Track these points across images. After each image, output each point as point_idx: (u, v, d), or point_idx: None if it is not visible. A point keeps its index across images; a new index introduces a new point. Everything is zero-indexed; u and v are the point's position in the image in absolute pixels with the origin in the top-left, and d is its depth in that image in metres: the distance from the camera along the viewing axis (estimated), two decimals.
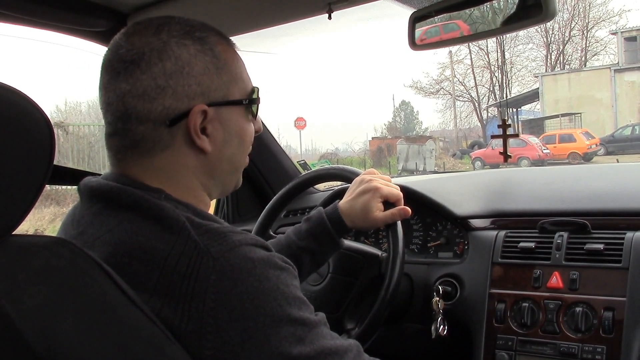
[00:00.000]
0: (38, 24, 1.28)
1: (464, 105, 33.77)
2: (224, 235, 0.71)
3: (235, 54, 0.85)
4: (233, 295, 0.67)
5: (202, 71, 0.78)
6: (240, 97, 0.84)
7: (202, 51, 0.79)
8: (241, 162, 0.88)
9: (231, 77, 0.82)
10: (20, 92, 0.62)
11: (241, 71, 0.85)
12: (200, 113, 0.78)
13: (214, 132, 0.81)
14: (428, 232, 1.64)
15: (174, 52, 0.77)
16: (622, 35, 25.87)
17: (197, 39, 0.79)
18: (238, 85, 0.84)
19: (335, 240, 1.22)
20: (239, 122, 0.84)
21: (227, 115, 0.82)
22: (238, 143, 0.85)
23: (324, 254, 1.24)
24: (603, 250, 1.29)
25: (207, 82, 0.79)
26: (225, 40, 0.84)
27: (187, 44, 0.78)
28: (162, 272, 0.68)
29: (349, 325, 1.32)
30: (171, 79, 0.76)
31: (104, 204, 0.77)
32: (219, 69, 0.80)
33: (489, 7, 1.15)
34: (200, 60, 0.78)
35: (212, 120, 0.80)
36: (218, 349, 0.66)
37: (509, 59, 30.85)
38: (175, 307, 0.66)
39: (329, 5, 1.21)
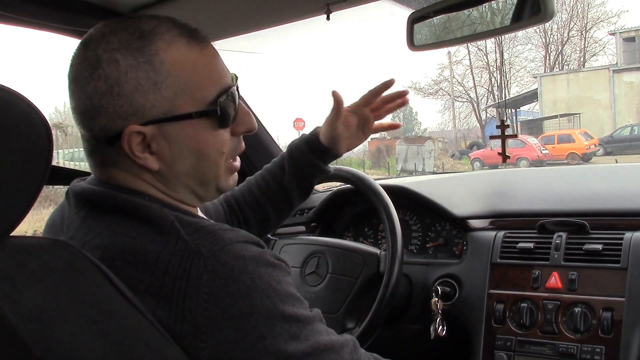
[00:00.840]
0: (36, 24, 1.27)
1: (463, 105, 33.80)
2: (214, 234, 0.70)
3: (193, 58, 0.76)
4: (226, 294, 0.66)
5: (133, 89, 0.72)
6: (192, 109, 0.75)
7: (136, 65, 0.72)
8: (209, 174, 0.81)
9: (178, 89, 0.74)
10: (18, 93, 0.62)
11: (197, 78, 0.76)
12: (135, 134, 0.73)
13: (160, 150, 0.75)
14: (427, 233, 1.64)
15: (104, 70, 0.72)
16: (621, 36, 25.89)
17: (134, 50, 0.73)
18: (190, 96, 0.75)
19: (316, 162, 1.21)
20: (193, 136, 0.76)
21: (174, 131, 0.75)
22: (196, 157, 0.78)
23: (308, 178, 1.24)
24: (602, 250, 1.29)
25: (140, 100, 0.73)
26: (182, 42, 0.76)
27: (117, 60, 0.72)
28: (154, 274, 0.67)
29: (350, 324, 1.32)
30: (103, 99, 0.72)
31: (89, 208, 0.77)
32: (157, 83, 0.73)
33: (487, 7, 1.15)
34: (131, 78, 0.72)
35: (155, 138, 0.74)
36: (213, 349, 0.65)
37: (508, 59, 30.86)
38: (169, 308, 0.66)
39: (328, 5, 1.21)
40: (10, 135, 0.59)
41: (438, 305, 1.39)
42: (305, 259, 1.43)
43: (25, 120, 0.61)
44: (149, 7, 1.27)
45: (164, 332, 0.65)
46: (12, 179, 0.59)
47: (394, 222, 1.30)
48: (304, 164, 1.22)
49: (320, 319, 0.76)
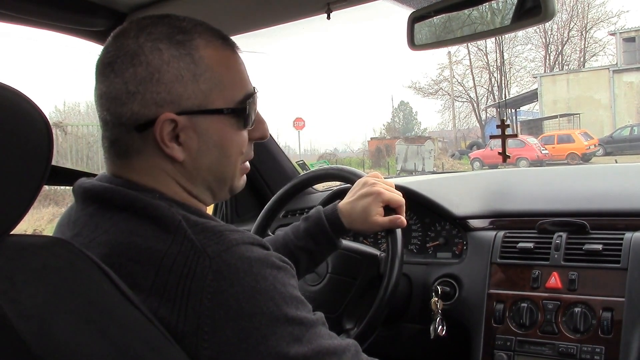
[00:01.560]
0: (37, 23, 1.27)
1: (463, 105, 33.81)
2: (221, 234, 0.71)
3: (227, 58, 0.80)
4: (230, 294, 0.66)
5: (173, 78, 0.75)
6: (223, 106, 0.79)
7: (178, 56, 0.76)
8: (227, 172, 0.84)
9: (212, 84, 0.78)
10: (18, 92, 0.62)
11: (230, 77, 0.80)
12: (168, 122, 0.75)
13: (188, 141, 0.77)
14: (427, 233, 1.64)
15: (146, 57, 0.75)
16: (621, 36, 25.90)
17: (176, 42, 0.76)
18: (222, 93, 0.79)
19: (333, 240, 1.22)
20: (220, 132, 0.79)
21: (204, 124, 0.78)
22: (219, 153, 0.81)
23: (321, 253, 1.24)
24: (602, 250, 1.29)
25: (179, 90, 0.76)
26: (218, 42, 0.80)
27: (161, 49, 0.75)
28: (159, 272, 0.68)
29: (348, 325, 1.32)
30: (141, 85, 0.75)
31: (98, 205, 0.77)
32: (196, 75, 0.76)
33: (487, 7, 1.15)
34: (173, 67, 0.75)
35: (185, 129, 0.77)
36: (215, 349, 0.65)
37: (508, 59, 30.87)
38: (172, 307, 0.66)
39: (328, 5, 1.21)
40: (10, 133, 0.59)
41: (438, 305, 1.39)
42: None
43: (26, 118, 0.61)
44: (149, 6, 1.27)
45: (164, 331, 0.65)
46: (12, 178, 0.59)
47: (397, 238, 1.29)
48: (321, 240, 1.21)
49: (324, 322, 0.76)
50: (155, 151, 0.77)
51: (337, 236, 1.23)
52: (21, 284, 0.58)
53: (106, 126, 0.79)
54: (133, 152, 0.78)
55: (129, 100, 0.75)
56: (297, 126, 24.19)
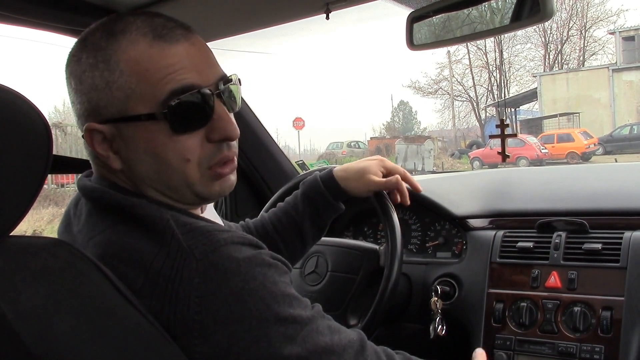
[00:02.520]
0: (35, 24, 1.27)
1: (463, 105, 33.83)
2: (209, 234, 0.69)
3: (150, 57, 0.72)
4: (217, 297, 0.65)
5: (89, 88, 0.73)
6: (144, 111, 0.72)
7: (94, 65, 0.73)
8: (176, 180, 0.75)
9: (129, 90, 0.72)
10: (17, 93, 0.62)
11: (151, 78, 0.72)
12: (95, 132, 0.74)
13: (120, 150, 0.75)
14: (426, 232, 1.64)
15: (73, 70, 0.76)
16: (620, 35, 25.91)
17: (98, 49, 0.73)
18: (142, 98, 0.72)
19: (330, 201, 1.21)
20: (148, 139, 0.73)
21: (128, 132, 0.74)
22: (154, 161, 0.74)
23: (322, 217, 1.23)
24: (601, 249, 1.29)
25: (95, 99, 0.73)
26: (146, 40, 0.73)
27: (81, 59, 0.75)
28: (148, 275, 0.67)
29: (352, 321, 1.32)
30: (73, 97, 0.77)
31: (92, 204, 0.78)
32: (109, 83, 0.72)
33: (487, 7, 1.15)
34: (88, 77, 0.73)
35: (114, 138, 0.74)
36: (206, 352, 0.64)
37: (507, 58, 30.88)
38: (161, 310, 0.65)
39: (327, 5, 1.21)
40: (10, 134, 0.59)
41: (437, 305, 1.39)
42: (304, 259, 1.43)
43: (25, 119, 0.61)
44: (149, 6, 1.27)
45: (163, 331, 0.64)
46: (11, 179, 0.59)
47: (393, 221, 1.30)
48: (319, 201, 1.21)
49: (322, 316, 0.73)
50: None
51: (334, 196, 1.22)
52: (21, 285, 0.58)
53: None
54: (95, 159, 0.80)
55: (74, 112, 0.78)
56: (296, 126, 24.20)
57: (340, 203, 1.25)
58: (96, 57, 0.73)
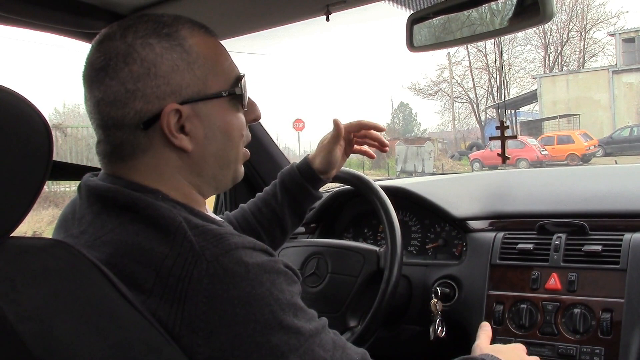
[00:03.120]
0: (35, 25, 1.27)
1: (463, 106, 33.82)
2: (221, 238, 0.70)
3: (213, 44, 0.82)
4: (224, 299, 0.65)
5: (169, 69, 0.76)
6: (219, 90, 0.80)
7: (170, 48, 0.76)
8: (231, 156, 0.84)
9: (207, 69, 0.79)
10: (18, 94, 0.62)
11: (221, 61, 0.82)
12: (173, 112, 0.75)
13: (194, 130, 0.78)
14: (426, 234, 1.64)
15: (139, 54, 0.75)
16: (620, 37, 25.92)
17: (164, 35, 0.77)
18: (217, 77, 0.80)
19: (308, 189, 1.23)
20: (221, 116, 0.81)
21: (206, 111, 0.79)
22: (223, 137, 0.82)
23: (301, 205, 1.25)
24: (601, 251, 1.29)
25: (177, 79, 0.76)
26: (201, 31, 0.81)
27: (152, 44, 0.76)
28: (159, 274, 0.67)
29: (352, 322, 1.32)
30: (139, 82, 0.74)
31: (102, 204, 0.77)
32: (190, 63, 0.77)
33: (487, 8, 1.15)
34: (167, 59, 0.76)
35: (189, 118, 0.77)
36: (209, 354, 0.65)
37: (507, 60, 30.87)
38: (170, 308, 0.66)
39: (327, 6, 1.21)
40: (10, 135, 0.59)
41: (437, 307, 1.39)
42: (304, 261, 1.43)
43: (26, 120, 0.61)
44: (149, 7, 1.27)
45: (163, 332, 0.65)
46: (12, 180, 0.59)
47: (394, 223, 1.30)
48: (296, 191, 1.23)
49: (327, 330, 0.73)
50: (162, 146, 0.77)
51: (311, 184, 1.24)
52: (21, 286, 0.58)
53: (107, 131, 0.78)
54: (139, 152, 0.77)
55: (130, 100, 0.75)
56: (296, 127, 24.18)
57: (318, 191, 1.27)
58: (168, 41, 0.77)
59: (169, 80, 0.76)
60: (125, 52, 0.75)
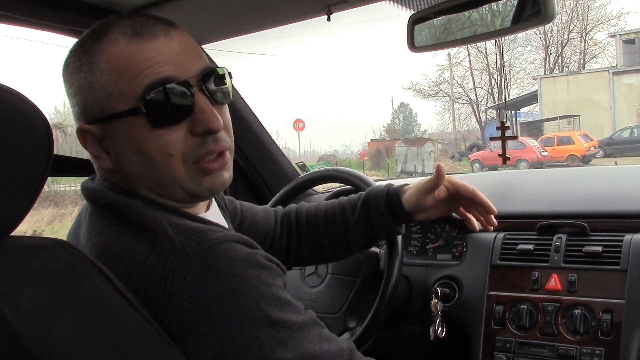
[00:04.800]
0: (35, 24, 1.27)
1: (463, 107, 33.82)
2: (202, 234, 0.69)
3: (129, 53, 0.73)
4: (210, 297, 0.64)
5: (77, 90, 0.77)
6: (124, 108, 0.73)
7: (79, 68, 0.76)
8: (164, 177, 0.75)
9: (109, 88, 0.73)
10: (18, 93, 0.62)
11: (129, 74, 0.73)
12: (86, 132, 0.77)
13: (109, 149, 0.77)
14: (426, 234, 1.64)
15: (64, 74, 0.78)
16: (621, 38, 25.92)
17: (83, 51, 0.76)
18: (121, 95, 0.73)
19: (387, 220, 1.19)
20: (130, 136, 0.74)
21: (113, 131, 0.75)
22: (139, 157, 0.74)
23: (374, 231, 1.21)
24: (602, 252, 1.29)
25: (81, 100, 0.76)
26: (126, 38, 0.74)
27: (69, 63, 0.78)
28: (140, 274, 0.67)
29: (351, 323, 1.32)
30: (69, 100, 0.79)
31: (93, 205, 0.79)
32: (92, 83, 0.74)
33: (488, 9, 1.15)
34: (75, 79, 0.76)
35: (103, 138, 0.77)
36: (199, 353, 0.64)
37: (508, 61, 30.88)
38: (154, 309, 0.65)
39: (328, 7, 1.21)
40: (11, 134, 0.59)
41: (438, 307, 1.39)
42: None
43: (26, 120, 0.61)
44: (149, 7, 1.27)
45: (162, 332, 0.64)
46: (12, 179, 0.59)
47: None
48: (378, 220, 1.19)
49: (315, 323, 0.73)
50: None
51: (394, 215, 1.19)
52: (21, 286, 0.58)
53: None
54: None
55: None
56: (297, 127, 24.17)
57: (400, 225, 1.23)
58: (81, 59, 0.76)
59: (78, 101, 0.77)
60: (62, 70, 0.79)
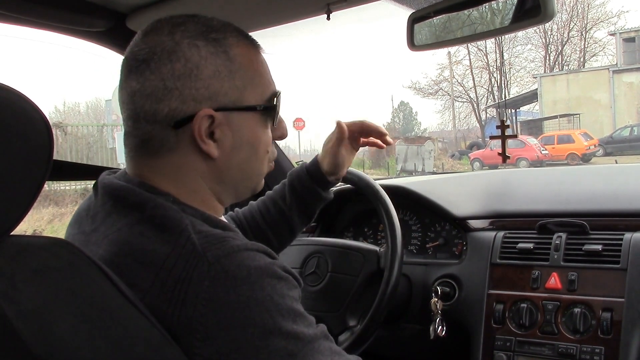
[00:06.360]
0: (37, 24, 1.27)
1: (463, 106, 33.80)
2: (223, 240, 0.69)
3: (256, 56, 0.82)
4: (224, 303, 0.65)
5: (212, 74, 0.76)
6: (255, 103, 0.80)
7: (215, 53, 0.76)
8: (255, 170, 0.85)
9: (246, 81, 0.79)
10: (18, 92, 0.62)
11: (261, 75, 0.82)
12: (206, 117, 0.75)
13: (223, 138, 0.78)
14: (427, 233, 1.64)
15: (184, 53, 0.75)
16: (621, 36, 25.90)
17: (211, 40, 0.77)
18: (255, 90, 0.80)
19: (317, 191, 1.21)
20: (251, 129, 0.81)
21: (238, 121, 0.79)
22: (250, 150, 0.81)
23: (310, 207, 1.23)
24: (601, 251, 1.29)
25: (216, 86, 0.76)
26: (248, 42, 0.81)
27: (199, 45, 0.76)
28: (159, 274, 0.67)
29: (351, 322, 1.32)
30: (179, 81, 0.74)
31: (114, 202, 0.77)
32: (232, 72, 0.77)
33: (487, 8, 1.15)
34: (211, 63, 0.76)
35: (220, 125, 0.77)
36: (206, 357, 0.64)
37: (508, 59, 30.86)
38: (167, 308, 0.65)
39: (328, 5, 1.21)
40: (10, 133, 0.59)
41: (438, 306, 1.39)
42: (304, 260, 1.43)
43: (26, 118, 0.61)
44: (149, 7, 1.27)
45: (164, 331, 0.64)
46: (12, 178, 0.59)
47: (394, 222, 1.30)
48: (305, 193, 1.22)
49: (325, 336, 0.73)
50: (189, 148, 0.77)
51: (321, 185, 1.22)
52: (21, 285, 0.58)
53: (137, 124, 0.77)
54: (165, 150, 0.77)
55: (167, 97, 0.74)
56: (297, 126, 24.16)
57: (328, 192, 1.24)
58: (215, 46, 0.77)
59: (208, 85, 0.76)
60: (171, 49, 0.75)
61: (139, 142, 0.78)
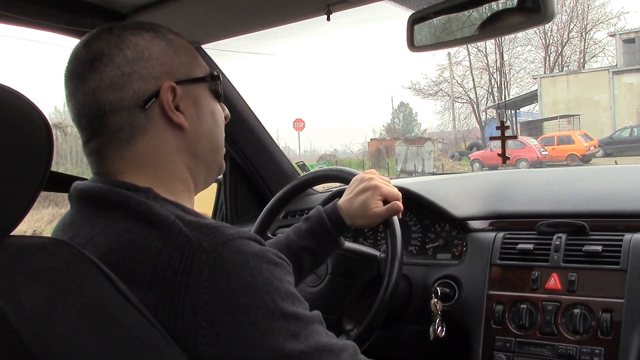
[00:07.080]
0: (37, 24, 1.28)
1: (463, 106, 33.83)
2: (216, 230, 0.71)
3: (189, 44, 0.87)
4: (226, 289, 0.66)
5: (161, 53, 0.81)
6: (203, 75, 0.86)
7: (156, 37, 0.82)
8: (219, 140, 0.90)
9: (190, 57, 0.85)
10: (18, 93, 0.62)
11: (195, 55, 0.87)
12: (169, 89, 0.80)
13: (187, 109, 0.83)
14: (426, 234, 1.64)
15: (131, 41, 0.80)
16: (621, 37, 25.92)
17: (148, 29, 0.83)
18: (199, 66, 0.86)
19: (335, 238, 1.24)
20: (207, 100, 0.87)
21: (195, 92, 0.84)
22: (211, 120, 0.87)
23: (324, 252, 1.25)
24: (601, 252, 1.29)
25: (168, 62, 0.81)
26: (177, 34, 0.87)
27: (140, 33, 0.81)
28: (156, 268, 0.68)
29: (348, 326, 1.32)
30: (134, 65, 0.78)
31: (92, 206, 0.77)
32: (175, 51, 0.83)
33: (487, 8, 1.15)
34: (156, 44, 0.81)
35: (182, 98, 0.82)
36: (213, 344, 0.65)
37: (508, 60, 30.90)
38: (170, 303, 0.66)
39: (328, 6, 1.21)
40: (10, 134, 0.59)
41: (437, 306, 1.39)
42: None
43: (26, 119, 0.61)
44: (149, 7, 1.27)
45: (163, 331, 0.65)
46: (12, 179, 0.59)
47: (394, 223, 1.30)
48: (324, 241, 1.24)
49: (320, 320, 0.75)
50: (161, 126, 0.80)
51: (339, 234, 1.25)
52: (21, 285, 0.58)
53: (104, 119, 0.78)
54: (138, 135, 0.79)
55: (127, 82, 0.78)
56: (297, 127, 24.19)
57: (342, 239, 1.29)
58: (154, 33, 0.83)
59: (161, 62, 0.81)
60: (118, 41, 0.79)
61: (108, 138, 0.79)
